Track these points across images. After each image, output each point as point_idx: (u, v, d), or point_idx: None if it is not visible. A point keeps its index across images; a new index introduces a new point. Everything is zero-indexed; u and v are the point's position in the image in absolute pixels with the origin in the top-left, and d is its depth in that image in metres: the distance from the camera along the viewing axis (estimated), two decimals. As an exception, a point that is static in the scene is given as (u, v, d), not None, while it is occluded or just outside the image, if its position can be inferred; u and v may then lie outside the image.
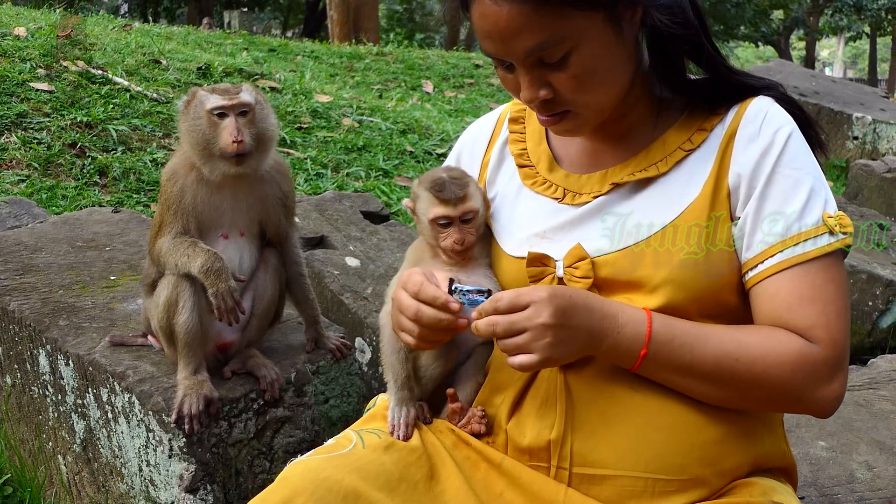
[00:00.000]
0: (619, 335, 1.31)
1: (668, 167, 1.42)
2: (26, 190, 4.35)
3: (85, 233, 3.00)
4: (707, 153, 1.41)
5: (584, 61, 1.32)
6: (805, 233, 1.34)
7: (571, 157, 1.54)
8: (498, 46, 1.33)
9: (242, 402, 2.09)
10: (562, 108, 1.39)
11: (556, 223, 1.47)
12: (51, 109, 5.21)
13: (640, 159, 1.45)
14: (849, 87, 9.73)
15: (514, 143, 1.61)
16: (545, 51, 1.31)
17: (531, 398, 1.41)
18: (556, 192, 1.49)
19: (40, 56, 5.87)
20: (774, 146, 1.37)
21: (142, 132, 5.27)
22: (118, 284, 2.61)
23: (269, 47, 10.91)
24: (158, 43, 7.69)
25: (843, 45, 46.04)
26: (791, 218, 1.34)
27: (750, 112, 1.42)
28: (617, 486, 1.34)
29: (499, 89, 9.88)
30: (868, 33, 30.42)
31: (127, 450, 2.14)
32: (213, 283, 1.97)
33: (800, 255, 1.33)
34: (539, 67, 1.34)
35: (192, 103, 2.01)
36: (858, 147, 8.11)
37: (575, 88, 1.35)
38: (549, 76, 1.35)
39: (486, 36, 1.33)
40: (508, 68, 1.38)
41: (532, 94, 1.36)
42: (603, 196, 1.45)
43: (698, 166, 1.41)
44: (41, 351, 2.37)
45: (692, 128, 1.44)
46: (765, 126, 1.39)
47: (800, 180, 1.36)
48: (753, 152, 1.38)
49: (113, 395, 2.13)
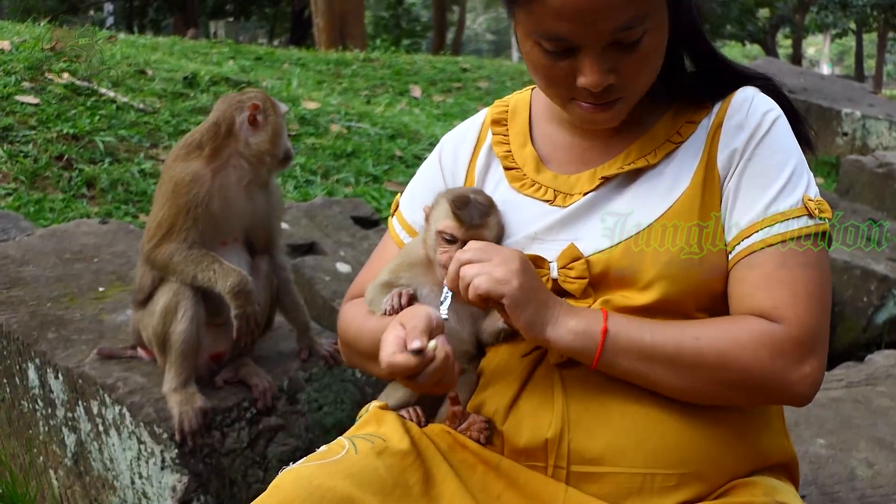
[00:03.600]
0: (577, 316, 1.31)
1: (657, 159, 1.42)
2: (13, 203, 4.32)
3: (72, 245, 2.97)
4: (695, 145, 1.42)
5: (653, 42, 1.32)
6: (783, 213, 1.33)
7: (558, 157, 1.52)
8: (577, 27, 1.27)
9: (235, 412, 2.06)
10: (618, 95, 1.36)
11: (548, 224, 1.45)
12: (37, 122, 5.17)
13: (629, 153, 1.44)
14: (837, 84, 9.75)
15: (499, 144, 1.58)
16: (630, 29, 1.28)
17: (527, 398, 1.38)
18: (546, 193, 1.47)
19: (25, 69, 5.84)
20: (760, 128, 1.38)
21: (129, 143, 5.24)
22: (107, 296, 2.58)
23: (256, 55, 10.88)
24: (144, 53, 7.66)
25: (830, 43, 46.25)
26: (770, 197, 1.34)
27: (736, 101, 1.43)
28: (615, 483, 1.31)
29: (487, 93, 9.88)
30: (854, 30, 30.55)
31: (119, 462, 2.11)
32: (241, 304, 1.95)
33: (776, 234, 1.32)
34: (610, 50, 1.30)
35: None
36: (848, 143, 8.12)
37: (639, 71, 1.34)
38: (618, 59, 1.31)
39: (566, 16, 1.26)
40: (565, 54, 1.32)
41: (601, 78, 1.31)
42: (592, 192, 1.43)
43: (687, 158, 1.41)
44: (30, 364, 2.34)
45: (680, 120, 1.45)
46: (751, 113, 1.40)
47: (782, 162, 1.36)
48: (741, 138, 1.38)
49: (103, 408, 2.10)
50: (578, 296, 1.38)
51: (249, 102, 2.02)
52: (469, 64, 11.63)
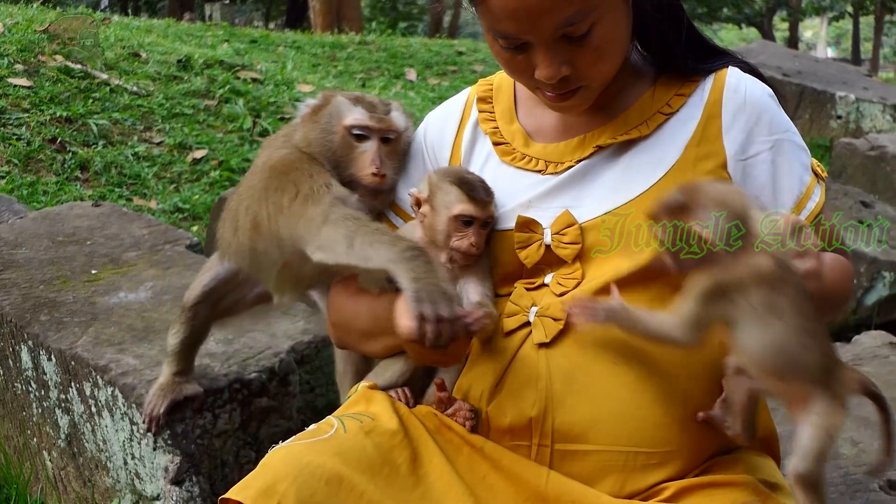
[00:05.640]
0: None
1: (649, 130, 1.46)
2: (6, 186, 4.32)
3: (65, 227, 2.98)
4: (687, 117, 1.46)
5: (605, 32, 1.34)
6: (809, 188, 1.45)
7: (545, 130, 1.54)
8: (522, 25, 1.32)
9: (227, 393, 2.07)
10: (577, 85, 1.40)
11: (542, 192, 1.47)
12: (30, 105, 5.16)
13: (618, 124, 1.48)
14: (831, 67, 9.74)
15: (486, 121, 1.60)
16: (574, 24, 1.31)
17: (511, 378, 1.40)
18: (538, 164, 1.50)
19: (18, 52, 5.82)
20: (763, 116, 1.45)
21: (122, 126, 5.23)
22: (99, 278, 2.59)
23: (251, 38, 10.82)
24: (138, 36, 7.63)
25: (827, 26, 46.10)
26: (796, 180, 1.45)
27: (731, 81, 1.48)
28: (598, 461, 1.34)
29: (482, 76, 9.81)
30: (851, 13, 30.48)
31: (112, 443, 2.13)
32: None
33: (813, 209, 1.45)
34: (561, 43, 1.33)
35: (325, 111, 1.64)
36: (842, 126, 8.12)
37: (594, 61, 1.37)
38: (570, 51, 1.35)
39: (509, 15, 1.31)
40: (519, 49, 1.37)
41: (553, 71, 1.35)
42: (585, 160, 1.46)
43: (678, 129, 1.45)
44: (23, 347, 2.35)
45: (669, 93, 1.49)
46: (749, 96, 1.46)
47: (793, 140, 1.46)
48: (747, 121, 1.45)
49: (96, 389, 2.12)
50: (570, 261, 1.41)
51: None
52: (465, 47, 11.58)
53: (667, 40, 1.50)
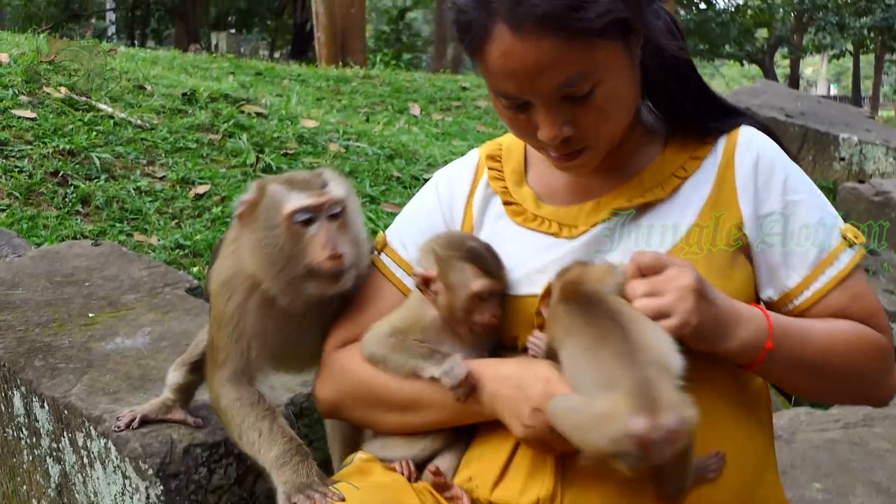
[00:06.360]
0: (747, 327, 1.32)
1: (665, 193, 1.44)
2: (6, 220, 4.29)
3: (64, 267, 2.94)
4: (701, 181, 1.45)
5: (608, 92, 1.32)
6: (831, 253, 1.42)
7: (557, 193, 1.52)
8: (521, 85, 1.30)
9: (223, 447, 2.02)
10: (581, 145, 1.38)
11: (557, 257, 1.44)
12: (33, 137, 5.14)
13: (632, 186, 1.45)
14: (833, 108, 9.77)
15: (495, 180, 1.58)
16: (574, 85, 1.28)
17: (519, 459, 1.36)
18: (551, 227, 1.47)
19: (23, 83, 5.81)
20: (776, 174, 1.43)
21: (125, 159, 5.21)
22: (96, 322, 2.55)
23: (256, 71, 10.87)
24: (143, 68, 7.64)
25: (827, 63, 46.39)
26: (817, 244, 1.42)
27: (742, 140, 1.46)
28: None
29: (486, 112, 9.87)
30: (851, 51, 30.69)
31: (103, 497, 2.08)
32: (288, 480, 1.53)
33: (836, 275, 1.41)
34: (562, 104, 1.31)
35: (262, 206, 1.51)
36: (845, 168, 8.12)
37: (597, 122, 1.35)
38: (572, 112, 1.32)
39: (508, 75, 1.29)
40: (521, 108, 1.34)
41: (555, 131, 1.33)
42: (602, 224, 1.44)
43: (694, 192, 1.44)
44: (15, 392, 2.31)
45: (683, 156, 1.47)
46: (761, 155, 1.45)
47: (811, 203, 1.44)
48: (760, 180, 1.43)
49: (89, 440, 2.07)
50: None
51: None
52: (469, 83, 11.61)
53: (676, 99, 1.49)
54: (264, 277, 1.53)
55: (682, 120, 1.49)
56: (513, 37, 1.25)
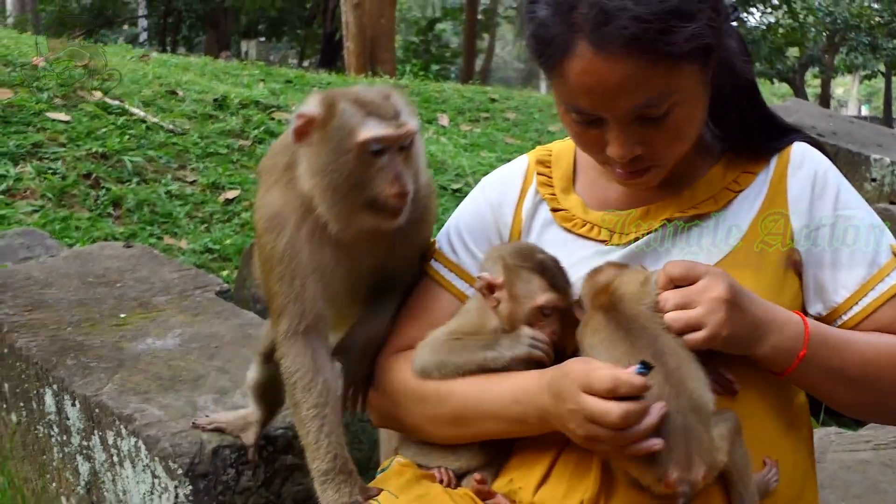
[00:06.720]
0: (781, 334, 1.32)
1: (718, 206, 1.45)
2: (40, 220, 4.34)
3: (96, 268, 2.97)
4: (753, 195, 1.46)
5: (683, 114, 1.33)
6: (882, 270, 1.40)
7: (605, 202, 1.52)
8: (598, 103, 1.30)
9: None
10: (649, 164, 1.38)
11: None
12: (66, 139, 5.22)
13: (684, 198, 1.46)
14: (866, 128, 9.68)
15: (544, 186, 1.58)
16: (653, 107, 1.28)
17: (562, 466, 1.35)
18: (601, 233, 1.48)
19: (58, 86, 5.90)
20: (829, 188, 1.44)
21: (157, 164, 5.27)
22: (128, 322, 2.57)
23: (286, 78, 10.93)
24: (175, 74, 7.73)
25: (858, 84, 46.03)
26: (867, 259, 1.41)
27: (795, 156, 1.48)
28: None
29: (514, 124, 9.87)
30: (883, 72, 30.41)
31: (132, 495, 2.09)
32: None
33: (886, 291, 1.39)
34: (636, 123, 1.31)
35: (331, 125, 1.40)
36: (877, 189, 8.04)
37: (669, 143, 1.36)
38: (645, 132, 1.32)
39: (585, 92, 1.29)
40: (593, 123, 1.34)
41: (626, 150, 1.33)
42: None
43: (746, 205, 1.45)
44: (47, 390, 2.33)
45: (737, 170, 1.48)
46: (818, 172, 1.46)
47: (862, 219, 1.44)
48: (812, 194, 1.44)
49: (119, 439, 2.08)
50: None
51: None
52: (497, 94, 11.63)
53: (746, 120, 1.49)
54: (321, 201, 1.42)
55: (748, 141, 1.49)
56: (595, 55, 1.24)
